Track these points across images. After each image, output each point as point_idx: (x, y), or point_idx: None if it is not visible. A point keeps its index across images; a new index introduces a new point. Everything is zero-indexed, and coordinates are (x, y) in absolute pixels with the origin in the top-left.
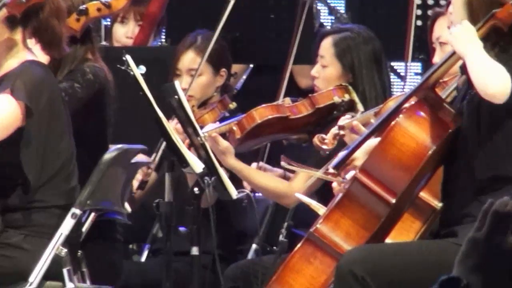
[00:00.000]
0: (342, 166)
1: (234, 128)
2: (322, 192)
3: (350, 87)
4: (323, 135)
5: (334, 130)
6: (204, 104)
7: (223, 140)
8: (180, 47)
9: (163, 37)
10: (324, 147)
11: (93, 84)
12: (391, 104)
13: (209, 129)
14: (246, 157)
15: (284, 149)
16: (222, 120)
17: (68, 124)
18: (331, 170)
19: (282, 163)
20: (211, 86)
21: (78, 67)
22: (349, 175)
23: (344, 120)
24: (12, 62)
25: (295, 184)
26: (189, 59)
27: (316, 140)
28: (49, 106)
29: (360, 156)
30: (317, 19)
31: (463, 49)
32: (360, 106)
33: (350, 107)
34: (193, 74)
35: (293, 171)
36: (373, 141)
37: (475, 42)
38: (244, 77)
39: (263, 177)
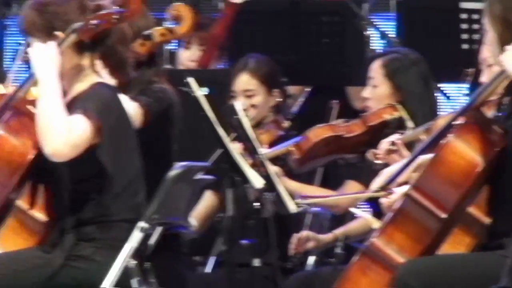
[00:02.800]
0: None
1: (292, 149)
2: None
3: (399, 106)
4: (376, 151)
5: (386, 145)
6: (259, 124)
7: (272, 165)
8: (234, 71)
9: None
10: (377, 161)
11: (163, 101)
12: (441, 122)
13: (268, 151)
14: (302, 177)
15: (340, 168)
16: (278, 139)
17: (135, 142)
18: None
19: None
20: (264, 106)
21: (146, 88)
22: (398, 191)
23: (395, 136)
24: (82, 85)
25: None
26: (242, 81)
27: (369, 155)
28: (117, 125)
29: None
30: (369, 43)
31: None
32: (410, 123)
33: (400, 124)
34: (248, 95)
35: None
36: (424, 158)
37: None
38: (302, 99)
39: (314, 192)
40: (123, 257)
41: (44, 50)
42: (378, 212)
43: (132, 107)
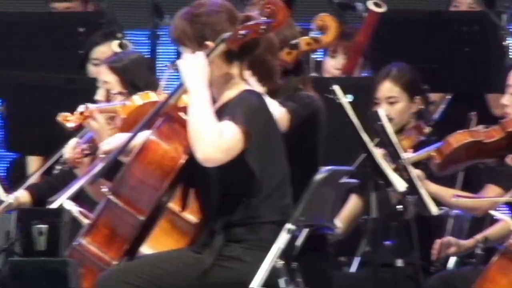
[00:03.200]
0: None
1: (434, 154)
2: None
3: None
4: None
5: None
6: (401, 130)
7: (414, 169)
8: (377, 78)
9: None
10: None
11: (309, 107)
12: None
13: (410, 156)
14: (443, 181)
15: (480, 172)
16: (419, 144)
17: (282, 147)
18: None
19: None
20: (406, 112)
21: (293, 95)
22: None
23: None
24: (231, 93)
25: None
26: (385, 88)
27: (509, 160)
28: (265, 131)
29: None
30: (508, 52)
31: None
32: None
33: None
34: (391, 102)
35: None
36: None
37: None
38: (443, 106)
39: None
40: (271, 258)
41: (193, 60)
42: None
43: (279, 112)
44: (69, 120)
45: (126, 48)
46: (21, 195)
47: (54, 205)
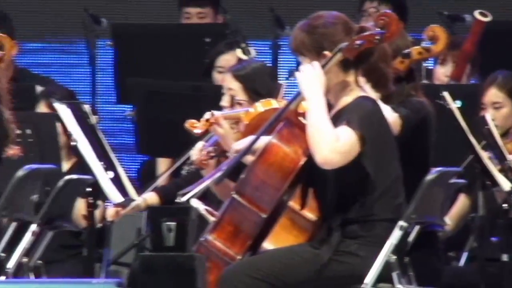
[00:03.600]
0: None
1: None
2: None
3: None
4: None
5: None
6: (505, 133)
7: None
8: (484, 85)
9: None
10: None
11: (420, 112)
12: None
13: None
14: None
15: None
16: None
17: (395, 149)
18: None
19: None
20: (511, 117)
21: (405, 100)
22: None
23: None
24: (347, 99)
25: None
26: (491, 94)
27: None
28: (379, 134)
29: None
30: None
31: None
32: None
33: None
34: (496, 107)
35: None
36: None
37: None
38: None
39: None
40: (385, 253)
41: (310, 70)
42: None
43: (392, 117)
44: (195, 126)
45: (249, 54)
46: (149, 197)
47: (183, 199)
